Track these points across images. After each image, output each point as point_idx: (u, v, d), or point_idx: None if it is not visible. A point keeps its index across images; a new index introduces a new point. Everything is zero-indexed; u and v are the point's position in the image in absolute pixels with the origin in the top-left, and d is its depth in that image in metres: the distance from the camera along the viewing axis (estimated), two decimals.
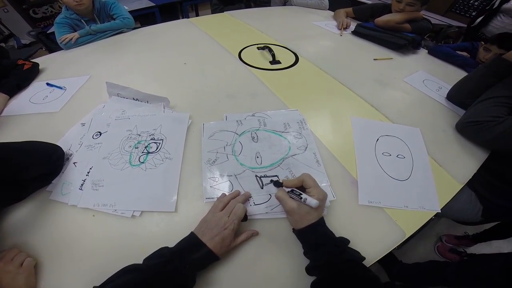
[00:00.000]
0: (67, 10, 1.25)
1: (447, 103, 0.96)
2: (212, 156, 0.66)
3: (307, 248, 0.47)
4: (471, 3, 2.55)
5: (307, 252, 0.47)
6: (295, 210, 0.46)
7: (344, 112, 0.85)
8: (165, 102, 0.79)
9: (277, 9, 1.89)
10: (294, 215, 0.47)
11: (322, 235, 0.47)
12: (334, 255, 0.44)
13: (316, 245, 0.46)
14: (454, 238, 1.38)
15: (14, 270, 0.43)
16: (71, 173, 0.61)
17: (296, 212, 0.47)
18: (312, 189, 0.48)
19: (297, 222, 0.47)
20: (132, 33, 1.39)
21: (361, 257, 0.47)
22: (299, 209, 0.46)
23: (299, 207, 0.47)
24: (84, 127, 0.73)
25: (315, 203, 0.45)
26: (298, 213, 0.46)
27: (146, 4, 2.54)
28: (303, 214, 0.46)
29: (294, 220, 0.48)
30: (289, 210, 0.47)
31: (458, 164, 0.72)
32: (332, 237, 0.47)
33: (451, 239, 1.38)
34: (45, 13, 3.08)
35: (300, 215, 0.46)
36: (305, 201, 0.46)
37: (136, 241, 0.51)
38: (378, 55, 1.24)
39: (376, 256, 0.51)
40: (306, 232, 0.47)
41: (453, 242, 1.37)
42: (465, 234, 1.39)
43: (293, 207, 0.47)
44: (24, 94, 0.91)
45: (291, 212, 0.47)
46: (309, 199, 0.46)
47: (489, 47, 1.20)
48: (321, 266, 0.44)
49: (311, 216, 0.46)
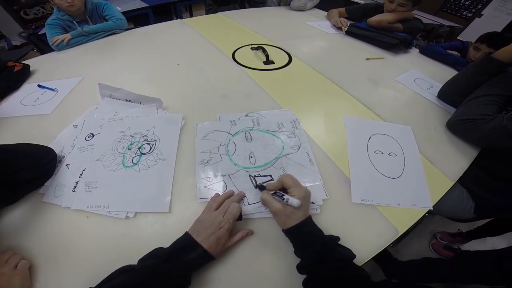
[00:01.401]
0: (58, 11, 1.24)
1: (438, 102, 0.97)
2: (205, 157, 0.66)
3: (296, 247, 0.48)
4: (462, 3, 2.60)
5: (297, 251, 0.48)
6: (280, 210, 0.47)
7: (337, 112, 0.86)
8: (158, 103, 0.79)
9: (271, 10, 1.90)
10: (280, 215, 0.48)
11: (309, 234, 0.47)
12: (322, 255, 0.44)
13: (304, 245, 0.47)
14: (448, 235, 1.40)
15: (8, 272, 0.42)
16: (64, 175, 0.60)
17: (282, 213, 0.47)
18: (292, 189, 0.50)
19: (284, 222, 0.48)
20: (125, 34, 1.38)
21: (351, 255, 0.47)
22: (284, 210, 0.47)
23: (284, 207, 0.48)
24: (76, 129, 0.73)
25: (296, 202, 0.47)
26: (284, 214, 0.47)
27: (139, 5, 2.52)
28: (288, 214, 0.47)
29: (281, 221, 0.49)
30: (275, 211, 0.48)
31: (449, 161, 0.74)
32: (321, 236, 0.47)
33: (445, 236, 1.40)
34: (36, 14, 3.04)
35: (286, 215, 0.47)
36: (287, 201, 0.48)
37: (131, 242, 0.51)
38: (371, 55, 1.26)
39: (369, 254, 0.52)
40: (293, 232, 0.47)
41: (447, 239, 1.39)
42: (459, 231, 1.41)
43: (278, 208, 0.48)
44: (15, 96, 0.90)
45: (276, 213, 0.49)
46: (291, 199, 0.47)
47: (479, 46, 1.22)
48: (309, 265, 0.45)
49: (297, 216, 0.47)
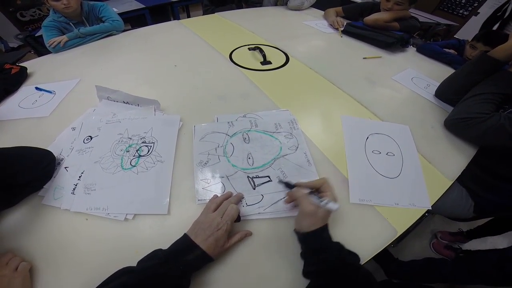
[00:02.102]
0: (55, 13, 1.23)
1: (435, 100, 0.97)
2: (203, 158, 0.66)
3: (309, 252, 0.47)
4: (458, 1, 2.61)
5: (309, 257, 0.47)
6: (313, 212, 0.46)
7: (334, 111, 0.86)
8: (155, 105, 0.79)
9: (268, 9, 1.90)
10: (310, 219, 0.46)
11: (326, 241, 0.47)
12: (337, 261, 0.44)
13: (320, 250, 0.45)
14: (449, 234, 1.40)
15: (9, 274, 0.43)
16: (63, 178, 0.61)
17: (313, 215, 0.46)
18: (327, 194, 0.48)
19: (309, 225, 0.46)
20: (122, 35, 1.38)
21: (358, 258, 0.47)
22: (317, 213, 0.46)
23: (317, 210, 0.46)
24: (74, 131, 0.73)
25: (336, 207, 0.45)
26: (315, 217, 0.46)
27: (136, 6, 2.51)
28: (319, 218, 0.46)
29: (306, 223, 0.47)
30: (309, 212, 0.46)
31: (447, 160, 0.74)
32: (334, 243, 0.47)
33: (445, 236, 1.40)
34: (33, 16, 3.02)
35: (316, 219, 0.46)
36: (325, 204, 0.46)
37: (130, 244, 0.51)
38: (368, 54, 1.26)
39: (368, 254, 0.52)
40: (312, 236, 0.46)
41: (447, 238, 1.39)
42: (459, 230, 1.41)
43: (312, 210, 0.46)
44: (13, 98, 0.90)
45: (308, 215, 0.46)
46: (331, 204, 0.45)
47: (475, 45, 1.23)
48: (323, 270, 0.44)
49: (322, 221, 0.46)
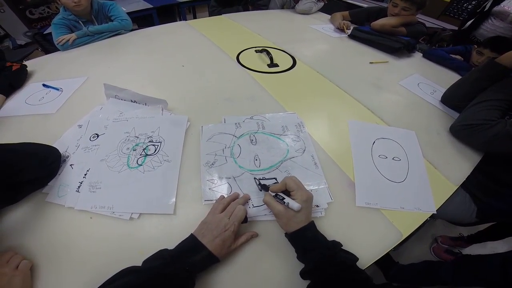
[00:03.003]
0: (65, 11, 1.25)
1: (441, 106, 0.97)
2: (210, 159, 0.66)
3: (298, 252, 0.47)
4: (465, 7, 2.60)
5: (299, 257, 0.47)
6: (282, 213, 0.47)
7: (341, 115, 0.86)
8: (163, 105, 0.79)
9: (274, 12, 1.91)
10: (282, 218, 0.47)
11: (311, 239, 0.47)
12: (324, 259, 0.44)
13: (306, 249, 0.46)
14: (449, 239, 1.40)
15: (9, 272, 0.42)
16: (68, 175, 0.60)
17: (283, 216, 0.47)
18: (295, 192, 0.49)
19: (286, 225, 0.48)
20: (130, 34, 1.39)
21: (354, 258, 0.47)
22: (286, 213, 0.47)
23: (285, 210, 0.47)
24: (81, 129, 0.73)
25: (297, 206, 0.46)
26: (285, 216, 0.47)
27: (144, 6, 2.54)
28: (290, 217, 0.47)
29: (283, 224, 0.48)
30: (277, 213, 0.48)
31: (452, 166, 0.74)
32: (323, 241, 0.47)
33: (446, 240, 1.40)
34: (41, 13, 3.06)
35: (288, 218, 0.47)
36: (287, 205, 0.47)
37: (135, 243, 0.50)
38: (374, 59, 1.26)
39: (374, 256, 0.52)
40: (296, 236, 0.47)
41: (448, 243, 1.39)
42: (460, 235, 1.40)
43: (280, 210, 0.47)
44: (20, 95, 0.91)
45: (278, 215, 0.48)
46: (291, 203, 0.47)
47: (482, 51, 1.23)
48: (311, 270, 0.44)
49: (299, 219, 0.47)
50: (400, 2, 1.34)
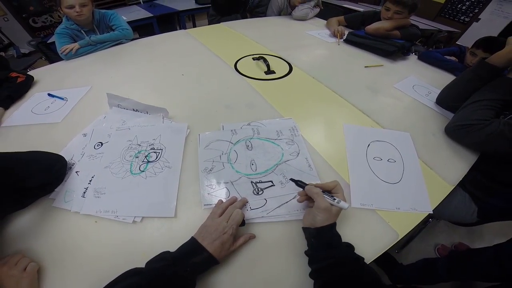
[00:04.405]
0: (67, 21, 1.28)
1: (436, 108, 0.98)
2: (208, 165, 0.68)
3: (321, 246, 0.48)
4: (459, 8, 2.63)
5: (320, 251, 0.48)
6: (328, 209, 0.49)
7: (337, 120, 0.88)
8: (164, 113, 0.82)
9: (271, 19, 1.94)
10: (325, 214, 0.49)
11: (337, 236, 0.49)
12: (348, 255, 0.47)
13: (332, 244, 0.48)
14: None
15: (18, 274, 0.44)
16: (74, 182, 0.63)
17: (328, 211, 0.49)
18: (339, 195, 0.52)
19: (323, 220, 0.49)
20: (131, 44, 1.42)
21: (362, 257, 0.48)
22: (330, 209, 0.49)
23: (331, 207, 0.49)
24: (85, 137, 0.76)
25: (347, 205, 0.50)
26: (329, 213, 0.49)
27: (144, 15, 2.59)
28: (332, 214, 0.49)
29: (321, 218, 0.49)
30: (324, 208, 0.49)
31: (448, 166, 0.75)
32: (342, 241, 0.50)
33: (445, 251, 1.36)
34: (44, 22, 3.12)
35: (330, 214, 0.49)
36: (338, 202, 0.50)
37: (137, 245, 0.52)
38: (369, 63, 1.28)
39: (370, 257, 0.53)
40: (327, 230, 0.48)
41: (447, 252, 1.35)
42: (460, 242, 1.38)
43: (327, 205, 0.49)
44: (26, 104, 0.93)
45: (324, 211, 0.49)
46: (342, 203, 0.50)
47: (475, 52, 1.24)
48: (334, 264, 0.45)
49: (333, 218, 0.50)
50: (392, 6, 1.37)
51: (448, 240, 1.42)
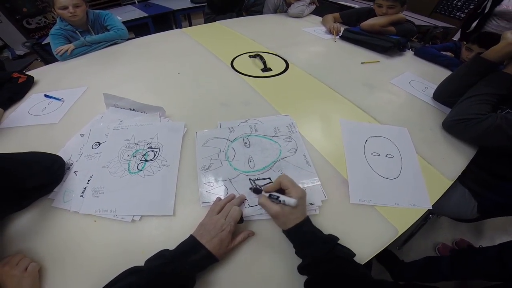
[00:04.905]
0: (61, 22, 1.27)
1: (433, 103, 0.99)
2: (206, 163, 0.68)
3: (297, 248, 0.49)
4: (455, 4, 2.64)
5: (298, 252, 0.49)
6: (279, 213, 0.48)
7: (333, 116, 0.88)
8: (160, 112, 0.82)
9: (267, 17, 1.94)
10: (279, 218, 0.49)
11: (309, 233, 0.49)
12: (323, 253, 0.46)
13: (303, 244, 0.48)
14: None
15: (19, 274, 0.44)
16: (72, 182, 0.63)
17: (280, 215, 0.48)
18: (290, 190, 0.51)
19: (284, 223, 0.49)
20: (127, 43, 1.42)
21: (351, 253, 0.48)
22: (282, 212, 0.48)
23: (282, 209, 0.49)
24: (83, 137, 0.76)
25: (293, 202, 0.48)
26: (282, 215, 0.48)
27: (139, 15, 2.58)
28: (286, 215, 0.48)
29: (280, 223, 0.50)
30: (273, 214, 0.49)
31: (446, 161, 0.75)
32: (320, 236, 0.49)
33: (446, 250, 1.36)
34: (38, 23, 3.09)
35: (285, 217, 0.48)
36: (284, 202, 0.49)
37: (137, 244, 0.53)
38: (366, 59, 1.28)
39: (370, 253, 0.52)
40: (293, 232, 0.48)
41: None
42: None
43: (276, 211, 0.49)
44: (23, 106, 0.93)
45: (275, 216, 0.49)
46: (287, 200, 0.48)
47: (471, 47, 1.24)
48: (310, 264, 0.46)
49: (295, 216, 0.49)
50: (383, 1, 1.37)
51: (449, 236, 1.42)
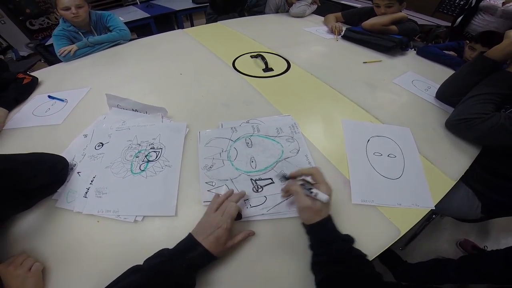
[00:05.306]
0: (64, 22, 1.28)
1: (436, 102, 0.98)
2: (208, 162, 0.68)
3: (316, 243, 0.48)
4: (457, 3, 2.62)
5: (317, 247, 0.48)
6: (310, 207, 0.48)
7: (336, 116, 0.88)
8: (163, 112, 0.82)
9: (269, 17, 1.94)
10: (308, 212, 0.48)
11: (332, 231, 0.48)
12: (345, 252, 0.46)
13: (326, 242, 0.47)
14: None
15: (23, 274, 0.45)
16: (76, 182, 0.64)
17: (311, 209, 0.48)
18: (320, 185, 0.50)
19: (310, 218, 0.48)
20: (129, 44, 1.42)
21: (363, 254, 0.48)
22: (314, 206, 0.48)
23: (313, 204, 0.48)
24: (86, 138, 0.76)
25: (326, 198, 0.47)
26: (313, 209, 0.48)
27: (141, 15, 2.59)
28: (316, 210, 0.48)
29: (307, 216, 0.49)
30: (304, 207, 0.48)
31: (449, 161, 0.74)
32: (340, 234, 0.49)
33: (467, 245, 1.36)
34: (41, 24, 3.11)
35: (314, 212, 0.48)
36: (315, 195, 0.47)
37: (139, 244, 0.53)
38: (368, 58, 1.28)
39: (372, 253, 0.52)
40: (317, 228, 0.48)
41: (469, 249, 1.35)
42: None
43: (308, 204, 0.48)
44: (27, 107, 0.94)
45: (305, 209, 0.48)
46: (320, 195, 0.47)
47: (474, 46, 1.24)
48: (331, 261, 0.45)
49: (323, 212, 0.48)
50: (380, 1, 1.37)
51: (452, 237, 1.41)
